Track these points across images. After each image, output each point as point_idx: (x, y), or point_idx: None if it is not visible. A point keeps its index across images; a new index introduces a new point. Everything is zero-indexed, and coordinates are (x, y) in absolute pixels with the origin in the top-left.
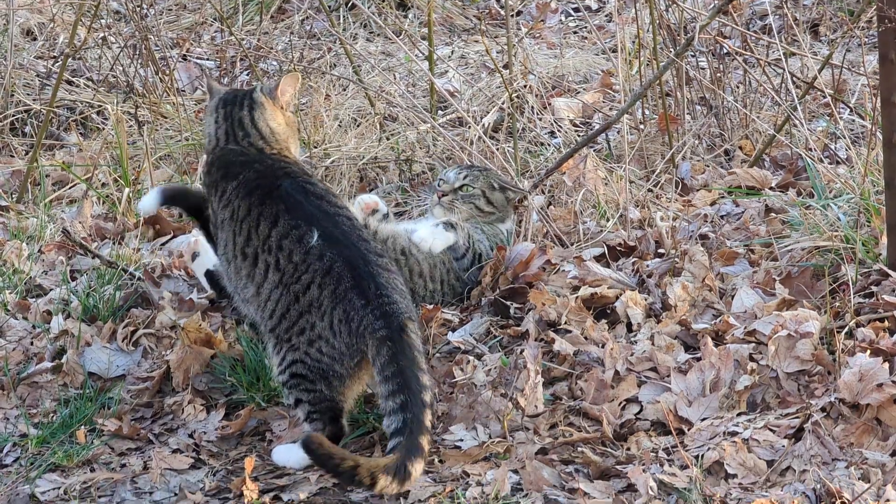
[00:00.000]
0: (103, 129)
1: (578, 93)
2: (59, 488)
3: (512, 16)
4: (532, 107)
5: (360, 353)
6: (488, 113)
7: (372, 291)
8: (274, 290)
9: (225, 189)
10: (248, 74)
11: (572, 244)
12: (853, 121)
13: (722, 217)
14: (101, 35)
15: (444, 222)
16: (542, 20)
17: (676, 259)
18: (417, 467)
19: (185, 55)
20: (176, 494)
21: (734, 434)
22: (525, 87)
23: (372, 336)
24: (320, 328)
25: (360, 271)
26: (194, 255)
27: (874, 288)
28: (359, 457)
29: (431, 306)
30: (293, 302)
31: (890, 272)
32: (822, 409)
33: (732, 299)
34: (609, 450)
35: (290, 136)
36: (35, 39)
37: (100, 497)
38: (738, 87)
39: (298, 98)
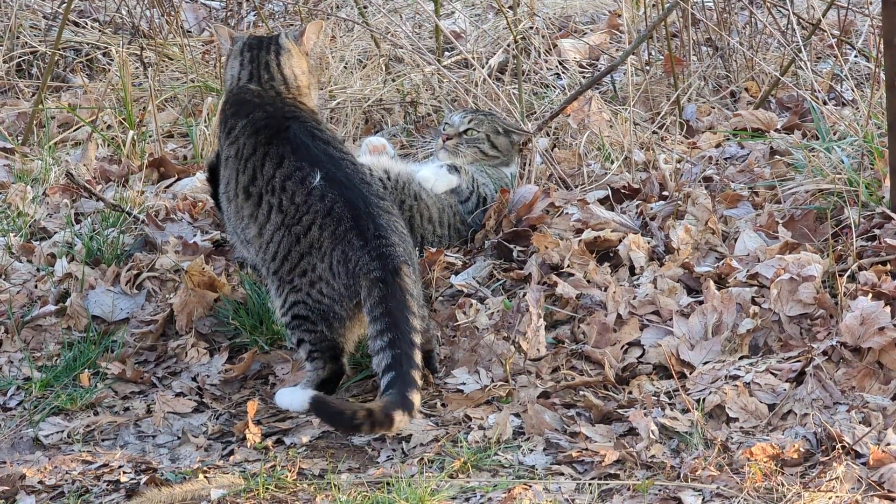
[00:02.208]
0: (109, 70)
1: (585, 34)
2: (62, 431)
3: None
4: (538, 48)
5: (357, 294)
6: (494, 54)
7: (371, 232)
8: (276, 232)
9: (234, 126)
10: (254, 15)
11: (576, 187)
12: (858, 62)
13: (726, 159)
14: None
15: (447, 165)
16: None
17: (680, 202)
18: (416, 398)
19: None
20: (179, 438)
21: (736, 378)
22: (531, 28)
23: (366, 277)
24: (321, 269)
25: (361, 212)
26: None
27: (877, 231)
28: (366, 404)
29: (434, 249)
30: (294, 243)
31: (892, 215)
32: (824, 353)
33: (735, 242)
34: (611, 393)
35: (310, 84)
36: None
37: (103, 440)
38: (744, 29)
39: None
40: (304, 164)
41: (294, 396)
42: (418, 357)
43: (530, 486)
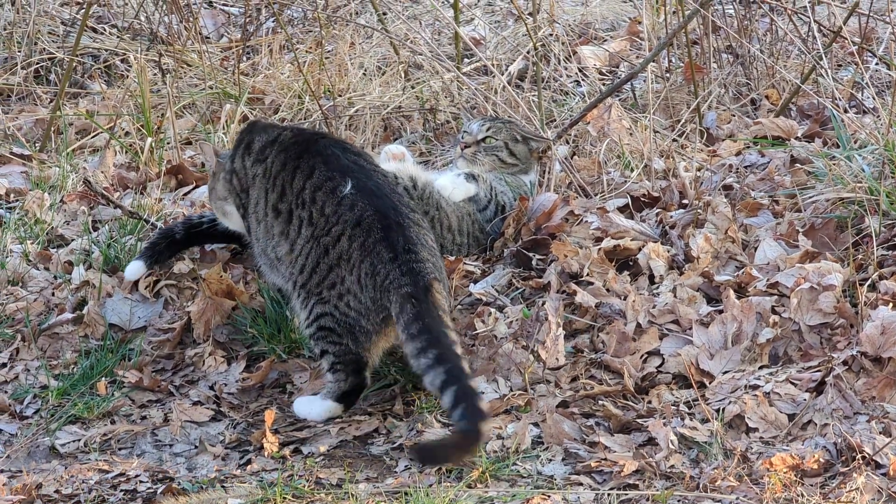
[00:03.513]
0: (127, 77)
1: (605, 41)
2: (79, 440)
3: None
4: (557, 55)
5: (384, 308)
6: (514, 61)
7: (400, 245)
8: (306, 245)
9: (252, 141)
10: (272, 22)
11: (596, 195)
12: (879, 70)
13: (747, 167)
14: None
15: (465, 174)
16: None
17: (700, 210)
18: (485, 406)
19: (210, 1)
20: (196, 447)
21: (755, 387)
22: (551, 34)
23: (396, 292)
24: (349, 282)
25: (391, 222)
26: None
27: None
28: (462, 432)
29: (453, 258)
30: (323, 255)
31: None
32: (844, 363)
33: (755, 251)
34: (630, 403)
35: None
36: None
37: (120, 449)
38: (764, 36)
39: (323, 48)
40: (335, 173)
41: (313, 406)
42: (467, 367)
43: (549, 497)
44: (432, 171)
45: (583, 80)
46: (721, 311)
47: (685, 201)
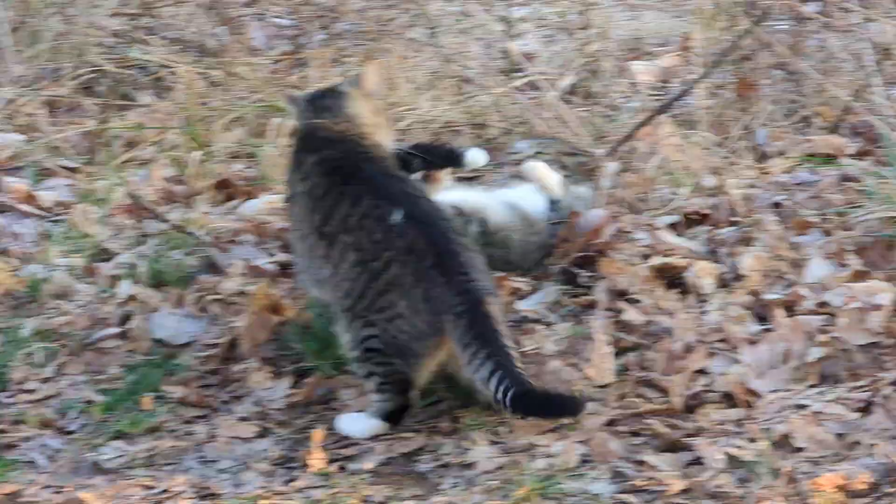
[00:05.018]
0: (175, 89)
1: (656, 56)
2: (123, 456)
3: None
4: (608, 71)
5: (439, 331)
6: (564, 76)
7: (453, 269)
8: (352, 269)
9: (303, 161)
10: (325, 34)
11: (645, 212)
12: None
13: (798, 185)
14: None
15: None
16: None
17: (749, 228)
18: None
19: (260, 14)
20: (241, 463)
21: (803, 407)
22: (602, 49)
23: (449, 312)
24: (401, 307)
25: (441, 249)
26: None
27: None
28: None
29: (501, 274)
30: (372, 280)
31: None
32: (893, 383)
33: (805, 269)
34: (678, 422)
35: (379, 123)
36: None
37: (164, 465)
38: (817, 53)
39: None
40: (384, 202)
41: (357, 423)
42: (517, 360)
43: None
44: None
45: (633, 95)
46: (769, 330)
47: (735, 219)
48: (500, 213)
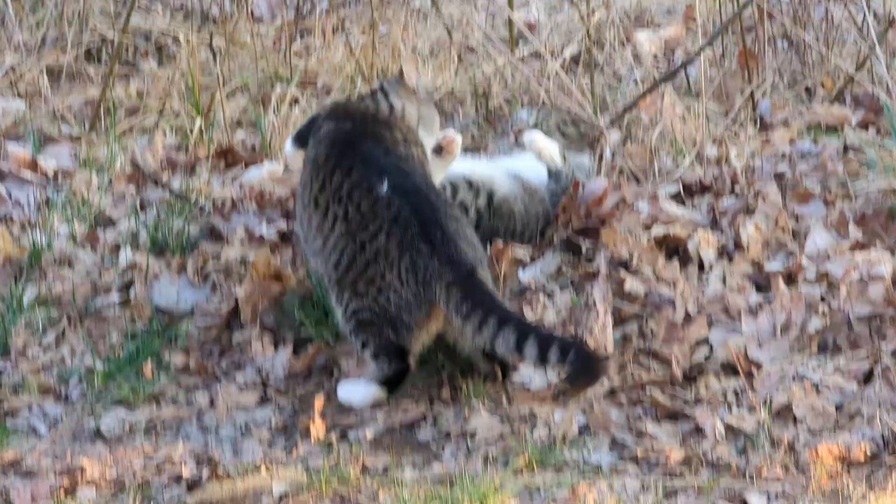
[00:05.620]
0: (177, 58)
1: (660, 27)
2: (124, 423)
3: None
4: (612, 41)
5: (428, 302)
6: (567, 46)
7: (438, 239)
8: (340, 240)
9: (321, 127)
10: (327, 3)
11: (647, 181)
12: None
13: (800, 155)
14: None
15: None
16: None
17: (751, 198)
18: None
19: None
20: (242, 431)
21: (803, 377)
22: (606, 19)
23: (438, 283)
24: (389, 278)
25: (427, 218)
26: None
27: None
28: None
29: (502, 244)
30: (359, 251)
31: None
32: (893, 354)
33: (806, 240)
34: (677, 392)
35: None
36: None
37: (165, 433)
38: (820, 24)
39: (376, 30)
40: (372, 173)
41: (357, 390)
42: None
43: (595, 484)
44: (486, 159)
45: (636, 65)
46: (770, 301)
47: (737, 189)
48: (505, 185)
